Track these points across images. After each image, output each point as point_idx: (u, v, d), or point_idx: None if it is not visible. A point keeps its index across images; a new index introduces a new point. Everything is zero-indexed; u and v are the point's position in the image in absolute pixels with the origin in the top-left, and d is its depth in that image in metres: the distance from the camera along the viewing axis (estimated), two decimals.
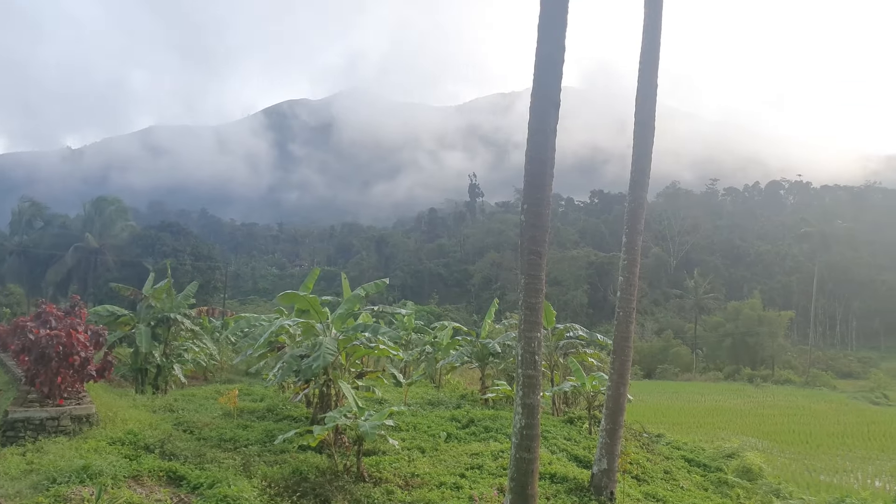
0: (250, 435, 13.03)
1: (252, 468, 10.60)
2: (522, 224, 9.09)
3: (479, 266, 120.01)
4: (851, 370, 78.41)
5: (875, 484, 21.14)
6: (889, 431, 33.74)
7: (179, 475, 9.91)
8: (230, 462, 10.88)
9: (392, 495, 10.08)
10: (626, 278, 11.72)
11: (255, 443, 12.48)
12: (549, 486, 11.17)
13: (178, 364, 21.13)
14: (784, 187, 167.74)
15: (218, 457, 11.15)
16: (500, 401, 19.97)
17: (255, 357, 17.89)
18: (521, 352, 8.88)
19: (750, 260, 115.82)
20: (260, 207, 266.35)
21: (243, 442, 12.51)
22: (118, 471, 9.39)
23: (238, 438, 12.72)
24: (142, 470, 9.78)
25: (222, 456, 11.28)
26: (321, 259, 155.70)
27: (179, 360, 21.37)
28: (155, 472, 9.81)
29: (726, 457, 18.77)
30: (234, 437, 12.77)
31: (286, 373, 13.49)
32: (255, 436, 12.98)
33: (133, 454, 10.63)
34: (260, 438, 12.79)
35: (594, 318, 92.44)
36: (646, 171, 11.91)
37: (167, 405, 16.39)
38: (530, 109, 9.11)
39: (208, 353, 24.67)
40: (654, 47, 11.88)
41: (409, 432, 14.40)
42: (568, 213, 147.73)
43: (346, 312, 14.20)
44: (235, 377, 27.83)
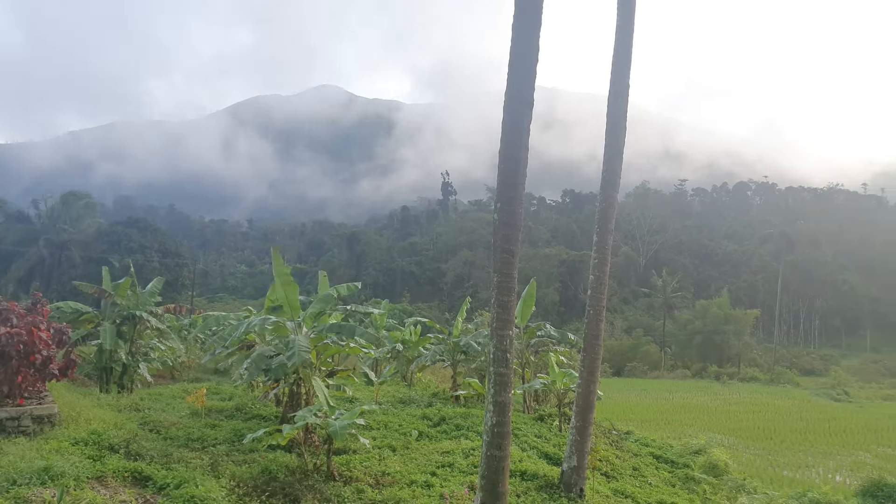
0: (218, 434, 12.85)
1: (220, 468, 10.45)
2: (495, 222, 9.10)
3: (452, 264, 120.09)
4: (814, 367, 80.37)
5: (836, 478, 21.65)
6: (849, 427, 34.62)
7: (145, 476, 9.72)
8: (198, 462, 10.71)
9: (362, 494, 10.02)
10: (596, 277, 11.81)
11: (223, 442, 12.31)
12: (519, 484, 11.21)
13: (145, 363, 20.76)
14: (751, 188, 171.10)
15: (185, 456, 10.97)
16: (471, 399, 20.02)
17: (223, 355, 17.64)
18: (493, 349, 8.89)
19: (717, 259, 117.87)
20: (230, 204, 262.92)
21: (211, 441, 12.34)
22: (81, 472, 9.17)
23: (206, 438, 12.54)
24: (106, 471, 9.57)
25: (190, 456, 11.10)
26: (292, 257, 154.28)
27: (145, 359, 21.01)
28: (120, 473, 9.61)
29: (693, 453, 19.08)
30: (202, 437, 12.58)
31: (256, 371, 13.33)
32: (223, 435, 12.80)
33: (97, 455, 10.40)
34: (228, 438, 12.63)
35: (565, 316, 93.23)
36: (617, 171, 12.01)
37: (133, 404, 16.09)
38: (504, 109, 9.12)
39: (176, 351, 24.28)
40: (627, 47, 11.99)
41: (380, 431, 14.35)
42: (540, 212, 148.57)
43: (319, 311, 14.08)
44: (203, 376, 27.45)
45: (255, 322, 13.93)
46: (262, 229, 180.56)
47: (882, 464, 24.27)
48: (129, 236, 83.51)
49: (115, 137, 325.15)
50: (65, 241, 68.44)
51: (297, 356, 11.62)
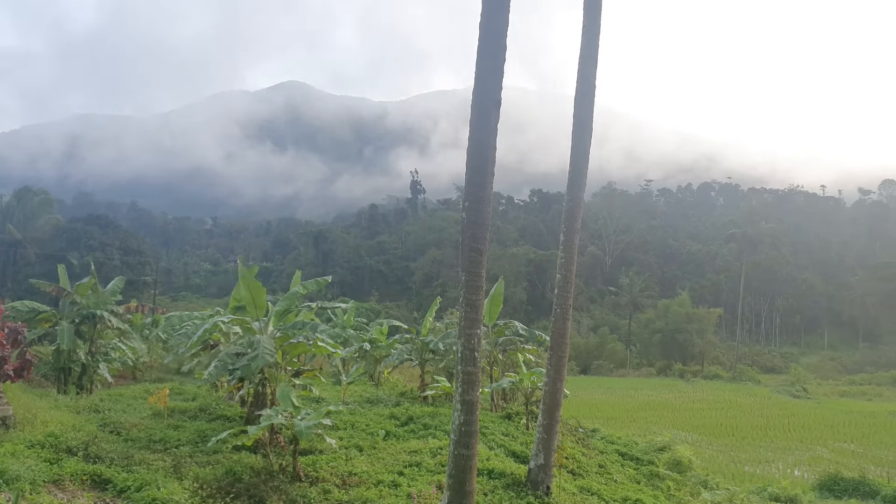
0: (182, 435, 12.62)
1: (183, 469, 10.26)
2: (464, 221, 9.09)
3: (421, 263, 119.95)
4: (774, 365, 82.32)
5: (794, 473, 22.20)
6: (807, 423, 35.53)
7: (105, 478, 9.50)
8: (160, 464, 10.50)
9: (329, 494, 9.94)
10: (563, 276, 11.88)
11: (186, 443, 12.10)
12: (486, 482, 11.23)
13: (105, 363, 20.27)
14: (715, 189, 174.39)
15: (147, 458, 10.74)
16: (439, 398, 20.00)
17: (187, 355, 17.35)
18: (461, 349, 8.88)
19: (682, 259, 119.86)
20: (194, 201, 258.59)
21: (174, 443, 12.11)
22: (37, 475, 8.91)
23: (168, 439, 12.30)
24: (63, 474, 9.31)
25: (151, 457, 10.88)
26: (257, 254, 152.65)
27: (106, 359, 20.51)
28: (78, 476, 9.37)
29: (658, 450, 19.35)
30: (165, 438, 12.34)
31: (220, 371, 13.12)
32: (186, 436, 12.58)
33: (54, 457, 10.11)
34: (192, 439, 12.41)
35: (532, 314, 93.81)
36: (583, 171, 12.09)
37: (92, 406, 15.70)
38: (472, 108, 9.12)
39: (137, 351, 23.77)
40: (593, 47, 12.07)
41: (347, 431, 14.25)
42: (508, 212, 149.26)
43: (285, 309, 13.92)
44: (166, 376, 26.92)
45: (220, 321, 13.71)
46: (227, 227, 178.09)
47: (838, 458, 24.96)
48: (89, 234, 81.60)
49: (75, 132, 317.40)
50: (19, 239, 66.53)
51: (260, 358, 11.46)
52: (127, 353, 22.97)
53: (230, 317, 14.04)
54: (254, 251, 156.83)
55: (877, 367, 76.99)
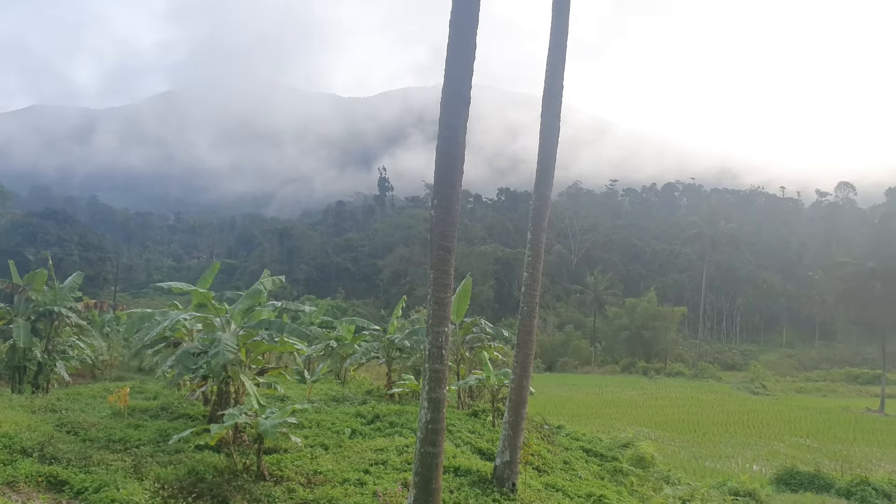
0: (142, 435, 12.37)
1: (144, 470, 10.05)
2: (432, 219, 9.08)
3: (388, 261, 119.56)
4: (735, 362, 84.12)
5: (753, 468, 22.73)
6: (765, 419, 36.42)
7: (61, 480, 9.25)
8: (119, 464, 10.27)
9: (294, 493, 9.84)
10: (530, 274, 11.95)
11: (147, 443, 11.85)
12: (452, 480, 11.25)
13: (62, 361, 19.75)
14: (678, 189, 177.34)
15: (105, 459, 10.49)
16: (406, 396, 19.95)
17: (148, 353, 17.01)
18: (429, 346, 8.87)
19: (646, 258, 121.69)
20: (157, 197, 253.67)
21: (134, 442, 11.85)
22: None
23: (129, 439, 12.04)
24: (17, 475, 9.05)
25: (110, 458, 10.63)
26: (221, 251, 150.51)
27: (63, 357, 19.99)
28: (33, 478, 9.11)
29: (622, 446, 19.63)
30: (125, 438, 12.07)
31: (183, 369, 12.88)
32: (147, 436, 12.33)
33: (8, 459, 9.82)
34: (153, 438, 12.16)
35: (499, 312, 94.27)
36: (550, 171, 12.17)
37: (49, 405, 15.28)
38: (441, 106, 9.11)
39: (97, 349, 23.22)
40: (561, 49, 12.15)
41: (312, 429, 14.12)
42: (476, 210, 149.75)
43: (247, 307, 13.73)
44: (127, 374, 26.39)
45: (182, 318, 13.47)
46: (190, 222, 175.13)
47: (795, 453, 25.63)
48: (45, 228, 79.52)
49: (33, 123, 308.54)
50: None
51: (221, 355, 11.28)
52: (86, 351, 22.43)
53: (192, 314, 13.79)
54: (218, 247, 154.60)
55: (832, 364, 79.29)
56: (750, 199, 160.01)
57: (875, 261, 49.01)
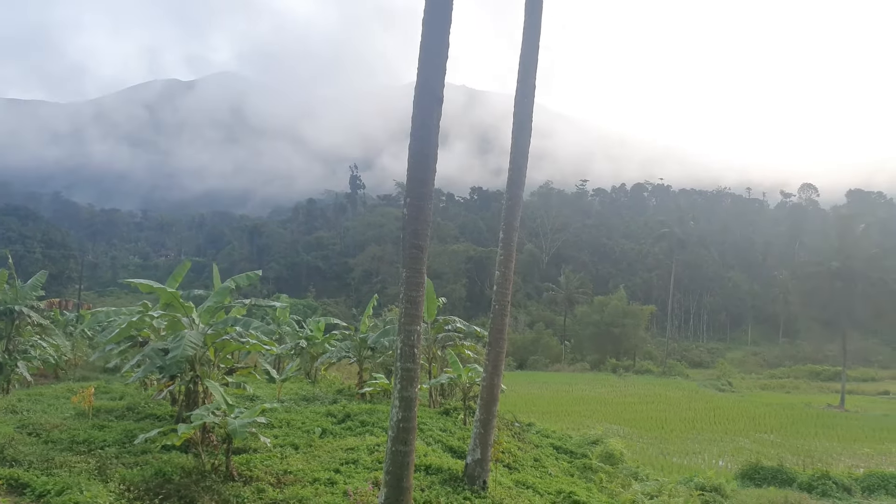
0: (107, 436, 12.14)
1: (109, 471, 9.86)
2: (405, 217, 9.05)
3: (360, 259, 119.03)
4: (702, 360, 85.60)
5: (719, 463, 23.14)
6: (731, 415, 37.10)
7: (22, 482, 9.04)
8: (83, 466, 10.06)
9: (263, 494, 9.74)
10: (502, 273, 11.99)
11: (112, 444, 11.63)
12: (423, 478, 11.24)
13: (24, 361, 19.28)
14: (647, 189, 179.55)
15: (69, 461, 10.28)
16: (377, 395, 19.90)
17: (114, 353, 16.67)
18: (401, 345, 8.85)
19: (615, 257, 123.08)
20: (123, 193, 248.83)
21: (99, 443, 11.62)
22: None
23: (93, 440, 11.80)
24: None
25: (74, 460, 10.41)
26: (189, 249, 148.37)
27: (25, 357, 19.52)
28: None
29: (591, 443, 19.82)
30: (89, 439, 11.84)
31: (149, 369, 12.67)
32: (112, 436, 12.10)
33: None
34: (118, 439, 11.94)
35: (472, 311, 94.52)
36: (522, 170, 12.22)
37: (9, 406, 14.92)
38: (414, 104, 9.09)
39: (60, 348, 22.70)
40: (533, 49, 12.21)
41: (282, 429, 14.00)
42: (449, 209, 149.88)
43: (216, 305, 13.55)
44: (91, 374, 25.85)
45: (149, 316, 13.25)
46: (158, 220, 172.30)
47: (759, 448, 26.16)
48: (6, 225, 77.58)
49: None
50: None
51: (181, 349, 11.12)
52: (48, 350, 21.93)
53: (159, 312, 13.57)
54: (186, 245, 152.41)
55: (795, 361, 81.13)
56: (717, 200, 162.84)
57: (837, 261, 50.26)
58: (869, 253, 50.57)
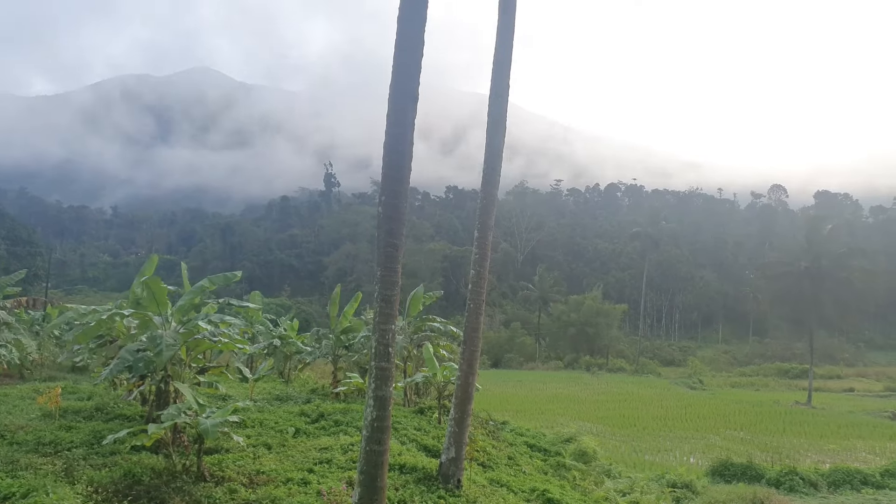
0: (75, 437, 11.90)
1: (76, 473, 9.67)
2: (380, 216, 9.02)
3: (334, 258, 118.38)
4: (674, 358, 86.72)
5: (690, 460, 23.46)
6: (702, 413, 37.63)
7: None
8: (49, 467, 9.85)
9: (235, 494, 9.63)
10: (477, 272, 12.01)
11: (80, 445, 11.41)
12: (398, 477, 11.22)
13: None
14: (620, 189, 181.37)
15: (34, 462, 10.05)
16: (352, 394, 19.82)
17: (82, 352, 16.36)
18: (375, 344, 8.82)
19: (589, 256, 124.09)
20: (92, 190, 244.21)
21: (66, 445, 11.39)
22: None
23: (60, 441, 11.56)
24: None
25: (40, 461, 10.19)
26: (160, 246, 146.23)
27: None
28: None
29: (565, 441, 19.98)
30: (56, 440, 11.59)
31: (119, 369, 12.43)
32: (80, 438, 11.87)
33: None
34: (86, 440, 11.72)
35: (447, 309, 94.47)
36: (497, 169, 12.25)
37: None
38: (388, 103, 9.05)
39: (25, 347, 22.18)
40: (507, 47, 12.24)
41: (254, 429, 13.88)
42: (424, 207, 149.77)
43: (189, 304, 13.36)
44: (58, 374, 25.31)
45: (119, 315, 13.01)
46: (128, 217, 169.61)
47: (729, 445, 26.57)
48: None
49: None
50: None
51: (162, 353, 10.96)
52: (13, 349, 21.42)
53: (130, 311, 13.33)
54: (157, 243, 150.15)
55: (764, 360, 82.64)
56: (688, 200, 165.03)
57: (806, 261, 51.26)
58: (836, 253, 51.64)
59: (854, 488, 19.11)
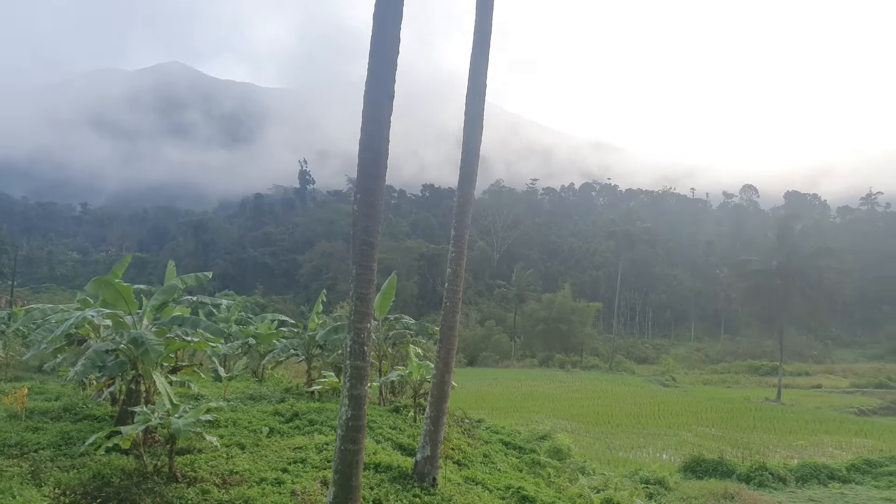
0: (42, 438, 11.65)
1: (43, 475, 9.47)
2: (355, 214, 8.96)
3: (309, 256, 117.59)
4: (647, 356, 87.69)
5: (663, 457, 23.73)
6: (675, 410, 38.09)
7: None
8: (15, 470, 9.64)
9: (208, 494, 9.51)
10: (453, 270, 12.01)
11: (48, 447, 11.17)
12: (373, 476, 11.18)
13: None
14: (595, 189, 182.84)
15: (0, 465, 9.83)
16: (326, 393, 19.71)
17: (50, 351, 16.01)
18: (351, 343, 8.77)
19: (564, 255, 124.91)
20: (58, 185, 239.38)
21: (33, 446, 11.15)
22: None
23: (26, 443, 11.32)
24: None
25: (6, 464, 9.97)
26: (131, 244, 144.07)
27: None
28: None
29: (539, 439, 20.09)
30: (22, 442, 11.34)
31: (89, 368, 12.20)
32: (48, 439, 11.62)
33: None
34: (54, 442, 11.48)
35: (423, 308, 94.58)
36: (474, 168, 12.26)
37: None
38: (364, 100, 9.01)
39: None
40: (484, 47, 12.25)
41: (228, 428, 13.72)
42: (401, 206, 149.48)
43: (161, 303, 13.16)
44: (25, 374, 24.79)
45: (90, 314, 12.76)
46: (98, 214, 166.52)
47: (701, 441, 26.94)
48: None
49: None
50: None
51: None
52: None
53: (101, 310, 13.09)
54: (128, 240, 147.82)
55: (735, 357, 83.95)
56: (662, 200, 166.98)
57: (776, 260, 52.16)
58: (806, 252, 52.64)
59: (821, 483, 19.51)
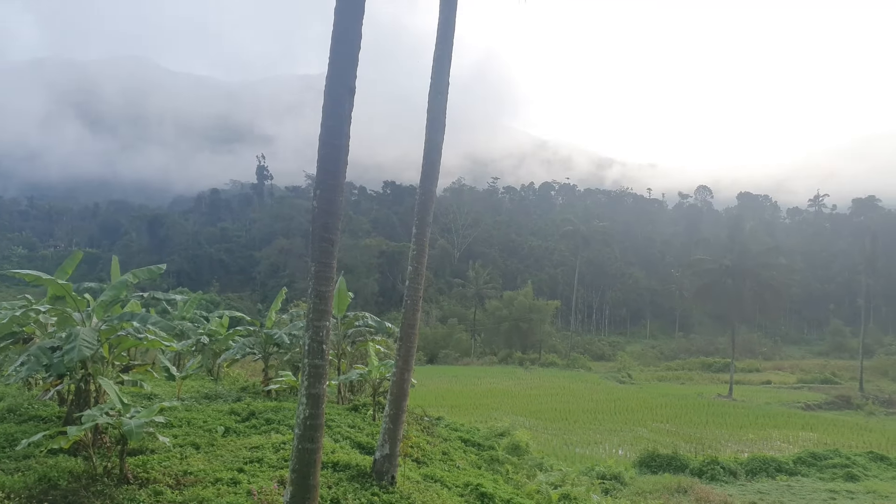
0: None
1: None
2: (314, 210, 8.83)
3: (267, 252, 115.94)
4: (604, 353, 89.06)
5: (619, 452, 24.15)
6: (630, 406, 38.79)
7: None
8: None
9: (161, 496, 9.28)
10: (414, 268, 11.97)
11: None
12: (331, 475, 11.07)
13: None
14: (555, 188, 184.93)
15: None
16: (284, 392, 19.46)
17: None
18: (309, 341, 8.65)
19: (523, 253, 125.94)
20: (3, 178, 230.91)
21: None
22: None
23: None
24: None
25: None
26: (82, 239, 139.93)
27: None
28: None
29: (498, 435, 20.20)
30: None
31: (34, 367, 11.76)
32: None
33: None
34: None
35: (383, 306, 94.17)
36: (436, 166, 12.23)
37: None
38: (324, 94, 8.89)
39: None
40: (447, 44, 12.23)
41: (182, 428, 13.42)
42: (361, 203, 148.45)
43: (111, 299, 12.77)
44: None
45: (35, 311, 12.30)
46: (46, 208, 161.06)
47: (656, 437, 27.50)
48: None
49: None
50: None
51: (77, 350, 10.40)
52: None
53: (47, 307, 12.63)
54: (78, 235, 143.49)
55: (689, 354, 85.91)
56: (619, 200, 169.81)
57: (728, 259, 53.54)
58: (757, 251, 54.17)
59: (770, 475, 20.11)
